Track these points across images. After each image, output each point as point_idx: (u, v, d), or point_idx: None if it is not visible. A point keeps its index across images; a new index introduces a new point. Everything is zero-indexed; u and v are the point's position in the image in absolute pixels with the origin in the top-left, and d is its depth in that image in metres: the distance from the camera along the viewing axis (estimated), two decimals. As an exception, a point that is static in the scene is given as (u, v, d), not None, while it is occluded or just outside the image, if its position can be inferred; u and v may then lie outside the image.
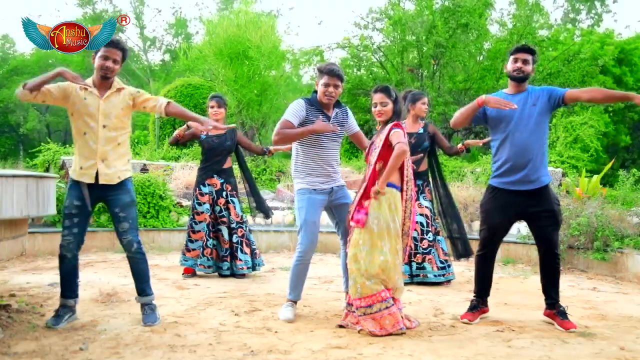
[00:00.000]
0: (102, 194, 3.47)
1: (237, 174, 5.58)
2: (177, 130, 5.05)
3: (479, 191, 7.70)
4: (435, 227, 5.08)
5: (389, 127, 3.48)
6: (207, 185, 5.27)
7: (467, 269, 5.87)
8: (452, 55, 12.57)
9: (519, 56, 3.63)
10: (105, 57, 3.37)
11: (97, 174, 3.41)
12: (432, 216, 5.07)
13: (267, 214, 5.64)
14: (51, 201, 3.99)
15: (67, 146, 10.65)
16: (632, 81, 14.97)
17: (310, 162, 3.72)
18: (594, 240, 5.87)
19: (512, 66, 3.65)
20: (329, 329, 3.45)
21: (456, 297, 4.51)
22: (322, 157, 3.73)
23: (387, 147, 3.45)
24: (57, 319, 3.39)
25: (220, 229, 5.24)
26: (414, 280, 4.96)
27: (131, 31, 31.06)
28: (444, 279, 5.02)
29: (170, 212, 7.54)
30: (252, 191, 5.50)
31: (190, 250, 5.28)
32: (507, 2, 34.52)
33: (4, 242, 5.36)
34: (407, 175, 3.53)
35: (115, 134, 3.45)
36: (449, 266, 5.07)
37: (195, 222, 5.27)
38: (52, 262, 4.51)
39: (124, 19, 3.89)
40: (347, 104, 13.06)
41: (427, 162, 5.14)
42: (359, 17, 14.92)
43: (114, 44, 3.37)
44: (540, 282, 3.75)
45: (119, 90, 3.48)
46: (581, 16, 28.85)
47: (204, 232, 5.22)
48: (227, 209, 5.26)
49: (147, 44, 30.04)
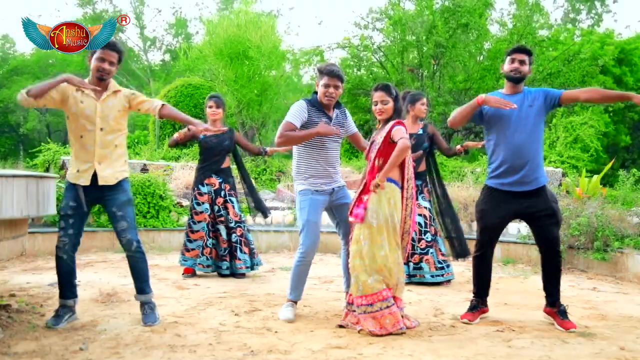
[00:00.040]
0: (98, 195, 3.47)
1: (234, 174, 5.59)
2: (177, 133, 5.05)
3: (479, 191, 7.65)
4: (434, 227, 5.09)
5: (390, 124, 3.48)
6: (206, 185, 5.28)
7: (467, 269, 5.86)
8: (452, 55, 12.55)
9: (516, 57, 3.63)
10: (101, 59, 3.37)
11: (94, 176, 3.41)
12: (431, 216, 5.07)
13: (266, 213, 5.65)
14: (51, 201, 3.99)
15: (67, 146, 10.65)
16: (632, 81, 14.95)
17: (313, 163, 3.72)
18: (594, 240, 5.86)
19: (509, 67, 3.65)
20: (329, 329, 3.45)
21: (456, 297, 4.52)
22: (324, 158, 3.73)
23: (388, 144, 3.45)
24: (57, 319, 3.40)
25: (218, 229, 5.24)
26: (411, 280, 4.96)
27: (131, 31, 31.12)
28: (442, 279, 5.02)
29: (170, 212, 7.54)
30: (250, 191, 5.51)
31: (189, 250, 5.29)
32: (507, 2, 34.56)
33: (4, 242, 5.36)
34: (407, 173, 3.53)
35: (112, 137, 3.45)
36: (447, 266, 5.07)
37: (193, 222, 5.27)
38: (52, 262, 4.49)
39: (124, 19, 3.89)
40: (347, 104, 13.07)
41: (426, 162, 5.15)
42: (359, 17, 14.95)
43: (110, 46, 3.37)
44: (541, 280, 3.74)
45: (116, 92, 3.48)
46: (581, 16, 28.85)
47: (204, 231, 5.23)
48: (226, 209, 5.27)
49: (147, 44, 30.01)
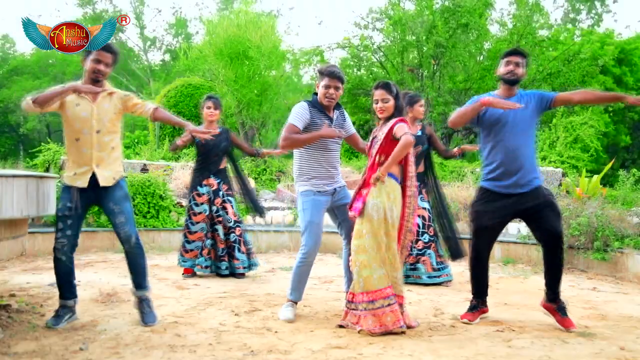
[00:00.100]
0: (95, 194, 3.48)
1: (230, 174, 5.59)
2: (180, 139, 5.05)
3: (479, 191, 7.68)
4: (433, 228, 5.09)
5: (392, 121, 3.48)
6: (204, 185, 5.29)
7: (467, 269, 5.85)
8: (452, 55, 12.55)
9: (512, 59, 3.63)
10: (97, 61, 3.37)
11: (92, 178, 3.41)
12: (430, 217, 5.07)
13: (262, 213, 5.70)
14: (51, 201, 3.98)
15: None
16: (632, 81, 14.95)
17: (314, 164, 3.73)
18: (594, 240, 5.86)
19: (505, 69, 3.65)
20: (329, 329, 3.45)
21: (456, 297, 4.52)
22: (326, 159, 3.74)
23: (390, 140, 3.45)
24: (57, 319, 3.40)
25: (216, 229, 5.25)
26: (407, 280, 4.95)
27: (131, 31, 31.14)
28: (439, 281, 5.02)
29: (170, 212, 7.54)
30: (246, 191, 5.52)
31: (188, 251, 5.29)
32: (507, 2, 34.55)
33: (4, 242, 5.35)
34: (410, 171, 3.54)
35: (108, 139, 3.45)
36: (444, 268, 5.07)
37: (192, 222, 5.28)
38: (52, 262, 4.47)
39: (124, 19, 3.89)
40: (347, 104, 13.06)
41: (424, 163, 5.15)
42: (359, 17, 14.94)
43: (105, 47, 3.36)
44: (543, 275, 3.68)
45: (110, 94, 3.48)
46: (581, 16, 28.83)
47: (202, 232, 5.24)
48: (224, 208, 5.27)
49: (147, 44, 30.01)
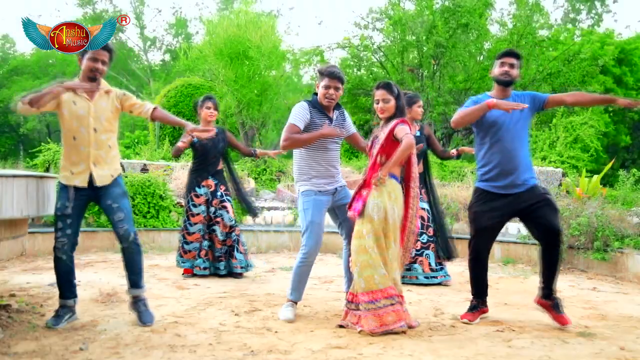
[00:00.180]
0: (93, 193, 3.48)
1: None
2: (181, 142, 5.06)
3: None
4: (432, 228, 5.09)
5: (393, 122, 3.47)
6: (202, 186, 5.30)
7: (467, 269, 5.85)
8: (452, 55, 12.55)
9: (506, 60, 3.64)
10: (94, 59, 3.37)
11: (90, 177, 3.41)
12: (429, 217, 5.07)
13: (255, 213, 5.76)
14: (51, 201, 3.97)
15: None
16: (632, 81, 14.95)
17: (314, 164, 3.73)
18: (594, 240, 5.87)
19: (499, 70, 3.65)
20: (329, 329, 3.45)
21: (456, 297, 4.52)
22: (326, 159, 3.74)
23: (391, 141, 3.45)
24: (57, 319, 3.40)
25: (214, 230, 5.25)
26: (402, 281, 4.95)
27: (131, 31, 31.13)
28: (436, 281, 5.02)
29: (170, 212, 7.53)
30: (239, 191, 5.52)
31: (186, 252, 5.29)
32: (507, 2, 34.55)
33: (4, 242, 5.35)
34: (413, 172, 3.54)
35: (105, 137, 3.46)
36: (441, 269, 5.07)
37: (190, 223, 5.28)
38: (52, 262, 4.48)
39: (124, 19, 3.88)
40: (347, 104, 13.06)
41: (423, 164, 5.15)
42: (359, 17, 14.94)
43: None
44: (539, 272, 3.68)
45: (107, 92, 3.48)
46: (581, 16, 28.84)
47: (200, 233, 5.24)
48: (225, 208, 5.27)
49: (147, 44, 30.02)
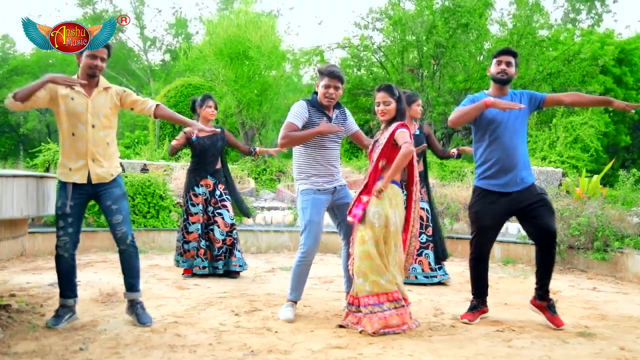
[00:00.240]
0: (93, 191, 3.48)
1: None
2: (175, 140, 5.08)
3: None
4: (431, 228, 5.09)
5: (394, 126, 3.48)
6: (201, 186, 5.30)
7: (467, 269, 5.86)
8: (452, 55, 12.54)
9: (503, 59, 3.65)
10: (93, 56, 3.37)
11: (89, 173, 3.41)
12: (428, 217, 5.07)
13: (248, 214, 5.80)
14: (51, 201, 3.97)
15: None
16: (632, 81, 14.94)
17: (313, 162, 3.73)
18: (594, 240, 5.87)
19: (496, 69, 3.66)
20: (329, 329, 3.45)
21: (456, 297, 4.52)
22: (325, 157, 3.74)
23: (391, 146, 3.45)
24: (57, 319, 3.40)
25: (212, 229, 5.25)
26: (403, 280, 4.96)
27: (131, 31, 31.13)
28: (436, 281, 5.02)
29: (170, 212, 7.53)
30: (232, 192, 5.52)
31: (186, 251, 5.29)
32: (507, 2, 34.53)
33: (4, 242, 5.35)
34: (416, 176, 3.56)
35: (103, 134, 3.46)
36: (440, 268, 5.08)
37: (189, 223, 5.28)
38: (52, 262, 4.50)
39: (124, 19, 3.88)
40: (347, 104, 13.06)
41: (422, 163, 5.16)
42: (359, 17, 14.92)
43: None
44: (535, 273, 3.72)
45: (106, 89, 3.48)
46: (581, 16, 28.83)
47: (198, 233, 5.25)
48: (224, 207, 5.28)
49: (147, 44, 30.01)
